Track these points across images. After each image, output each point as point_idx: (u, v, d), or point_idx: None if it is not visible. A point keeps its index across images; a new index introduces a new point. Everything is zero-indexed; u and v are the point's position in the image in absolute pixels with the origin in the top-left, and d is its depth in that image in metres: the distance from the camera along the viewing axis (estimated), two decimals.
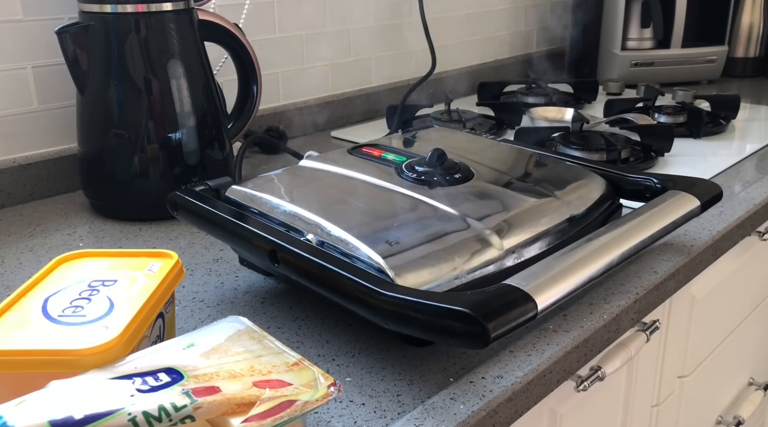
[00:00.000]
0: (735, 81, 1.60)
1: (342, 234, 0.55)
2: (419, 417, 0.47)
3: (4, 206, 0.88)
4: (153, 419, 0.35)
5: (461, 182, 0.66)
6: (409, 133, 0.82)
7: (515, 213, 0.61)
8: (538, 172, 0.71)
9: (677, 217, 0.63)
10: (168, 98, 0.80)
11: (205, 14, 0.87)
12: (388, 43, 1.32)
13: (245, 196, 0.63)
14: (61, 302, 0.46)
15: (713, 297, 0.91)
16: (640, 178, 0.72)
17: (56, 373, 0.39)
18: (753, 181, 0.92)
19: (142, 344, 0.46)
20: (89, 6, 0.78)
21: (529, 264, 0.53)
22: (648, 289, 0.65)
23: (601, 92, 1.43)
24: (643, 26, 1.52)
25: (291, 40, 1.16)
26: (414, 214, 0.59)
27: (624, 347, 0.71)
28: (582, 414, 0.70)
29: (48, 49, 0.89)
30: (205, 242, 0.76)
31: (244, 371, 0.40)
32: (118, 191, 0.82)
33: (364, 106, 1.29)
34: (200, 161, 0.83)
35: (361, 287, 0.48)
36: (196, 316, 0.61)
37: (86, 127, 0.83)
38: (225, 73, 1.05)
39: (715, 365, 0.99)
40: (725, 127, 1.17)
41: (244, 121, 0.96)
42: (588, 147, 0.97)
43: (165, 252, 0.53)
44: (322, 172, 0.69)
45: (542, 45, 1.70)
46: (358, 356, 0.55)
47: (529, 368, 0.53)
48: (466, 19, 1.47)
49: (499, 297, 0.47)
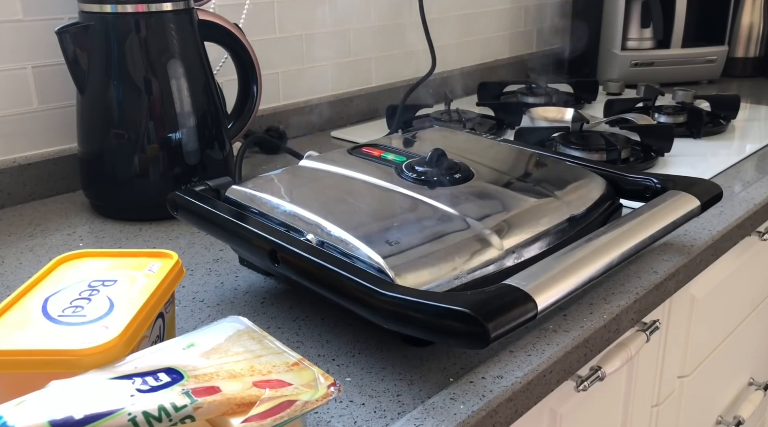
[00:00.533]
0: (735, 81, 1.60)
1: (342, 234, 0.55)
2: (419, 417, 0.47)
3: (4, 206, 0.88)
4: (153, 419, 0.35)
5: (461, 182, 0.66)
6: (409, 133, 0.82)
7: (515, 213, 0.61)
8: (538, 172, 0.71)
9: (677, 217, 0.63)
10: (168, 98, 0.80)
11: (205, 14, 0.87)
12: (388, 43, 1.32)
13: (245, 196, 0.63)
14: (61, 302, 0.46)
15: (713, 297, 0.91)
16: (640, 178, 0.72)
17: (56, 373, 0.39)
18: (753, 181, 0.92)
19: (142, 344, 0.46)
20: (89, 6, 0.78)
21: (529, 264, 0.53)
22: (648, 289, 0.65)
23: (601, 92, 1.43)
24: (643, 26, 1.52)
25: (291, 40, 1.16)
26: (414, 214, 0.59)
27: (624, 347, 0.71)
28: (582, 414, 0.70)
29: (48, 49, 0.89)
30: (205, 242, 0.76)
31: (244, 371, 0.40)
32: (118, 191, 0.82)
33: (364, 106, 1.29)
34: (200, 161, 0.83)
35: (361, 287, 0.48)
36: (196, 316, 0.61)
37: (86, 127, 0.83)
38: (225, 73, 1.05)
39: (715, 365, 0.99)
40: (725, 127, 1.17)
41: (244, 121, 0.96)
42: (588, 147, 0.97)
43: (165, 252, 0.53)
44: (322, 172, 0.69)
45: (542, 45, 1.70)
46: (358, 356, 0.55)
47: (529, 368, 0.53)
48: (466, 19, 1.47)
49: (499, 297, 0.47)
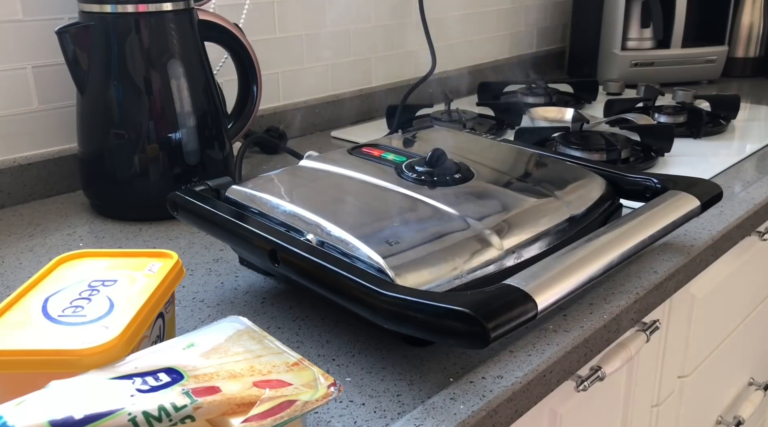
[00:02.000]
0: (735, 81, 1.60)
1: (342, 234, 0.55)
2: (419, 417, 0.47)
3: (4, 206, 0.88)
4: (153, 419, 0.35)
5: (461, 182, 0.66)
6: (409, 133, 0.82)
7: (515, 213, 0.61)
8: (538, 172, 0.71)
9: (677, 217, 0.63)
10: (168, 98, 0.80)
11: (205, 14, 0.87)
12: (388, 43, 1.32)
13: (245, 196, 0.63)
14: (61, 302, 0.46)
15: (713, 297, 0.91)
16: (640, 178, 0.72)
17: (56, 373, 0.39)
18: (753, 181, 0.92)
19: (142, 344, 0.46)
20: (89, 6, 0.78)
21: (529, 264, 0.53)
22: (648, 289, 0.65)
23: (601, 92, 1.43)
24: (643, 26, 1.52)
25: (291, 40, 1.16)
26: (414, 214, 0.59)
27: (624, 347, 0.71)
28: (582, 414, 0.70)
29: (48, 49, 0.89)
30: (205, 242, 0.76)
31: (244, 371, 0.40)
32: (118, 191, 0.82)
33: (364, 106, 1.29)
34: (200, 161, 0.83)
35: (361, 287, 0.48)
36: (196, 316, 0.61)
37: (86, 127, 0.83)
38: (225, 73, 1.05)
39: (715, 365, 0.99)
40: (725, 127, 1.17)
41: (244, 121, 0.96)
42: (588, 147, 0.97)
43: (165, 252, 0.53)
44: (322, 172, 0.69)
45: (542, 45, 1.70)
46: (358, 356, 0.55)
47: (529, 368, 0.53)
48: (466, 19, 1.47)
49: (499, 297, 0.47)
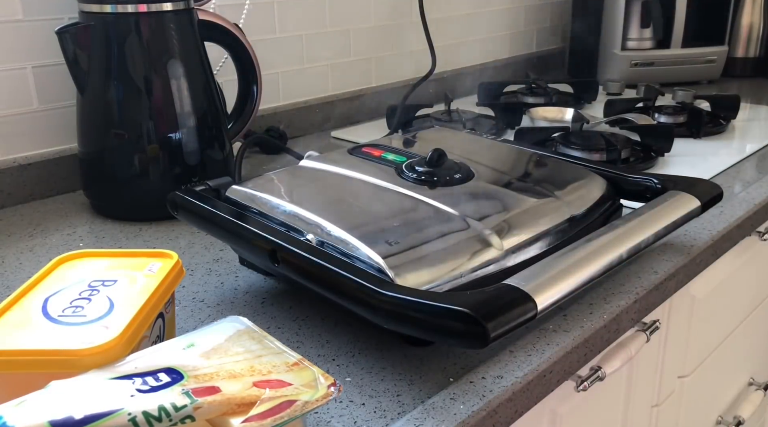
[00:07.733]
0: (735, 81, 1.60)
1: (342, 234, 0.55)
2: (419, 417, 0.47)
3: (4, 206, 0.88)
4: (153, 419, 0.35)
5: (461, 182, 0.65)
6: (409, 133, 0.82)
7: (515, 213, 0.61)
8: (538, 172, 0.71)
9: (677, 217, 0.63)
10: (168, 98, 0.80)
11: (205, 14, 0.87)
12: (388, 43, 1.32)
13: (245, 196, 0.63)
14: (61, 302, 0.46)
15: (713, 297, 0.91)
16: (640, 178, 0.72)
17: (56, 373, 0.39)
18: (753, 181, 0.92)
19: (142, 344, 0.46)
20: (89, 6, 0.78)
21: (529, 264, 0.53)
22: (648, 289, 0.65)
23: (601, 92, 1.43)
24: (643, 26, 1.52)
25: (291, 40, 1.16)
26: (414, 214, 0.59)
27: (624, 347, 0.71)
28: (582, 414, 0.70)
29: (48, 49, 0.89)
30: (205, 241, 0.76)
31: (244, 371, 0.40)
32: (118, 191, 0.82)
33: (363, 106, 1.29)
34: (200, 161, 0.83)
35: (361, 287, 0.48)
36: (196, 316, 0.61)
37: (86, 127, 0.83)
38: (225, 73, 1.05)
39: (715, 365, 0.99)
40: (725, 127, 1.17)
41: (244, 121, 0.96)
42: (588, 147, 0.97)
43: (165, 252, 0.53)
44: (322, 172, 0.69)
45: (542, 45, 1.70)
46: (358, 356, 0.55)
47: (529, 368, 0.53)
48: (466, 19, 1.47)
49: (499, 297, 0.47)
